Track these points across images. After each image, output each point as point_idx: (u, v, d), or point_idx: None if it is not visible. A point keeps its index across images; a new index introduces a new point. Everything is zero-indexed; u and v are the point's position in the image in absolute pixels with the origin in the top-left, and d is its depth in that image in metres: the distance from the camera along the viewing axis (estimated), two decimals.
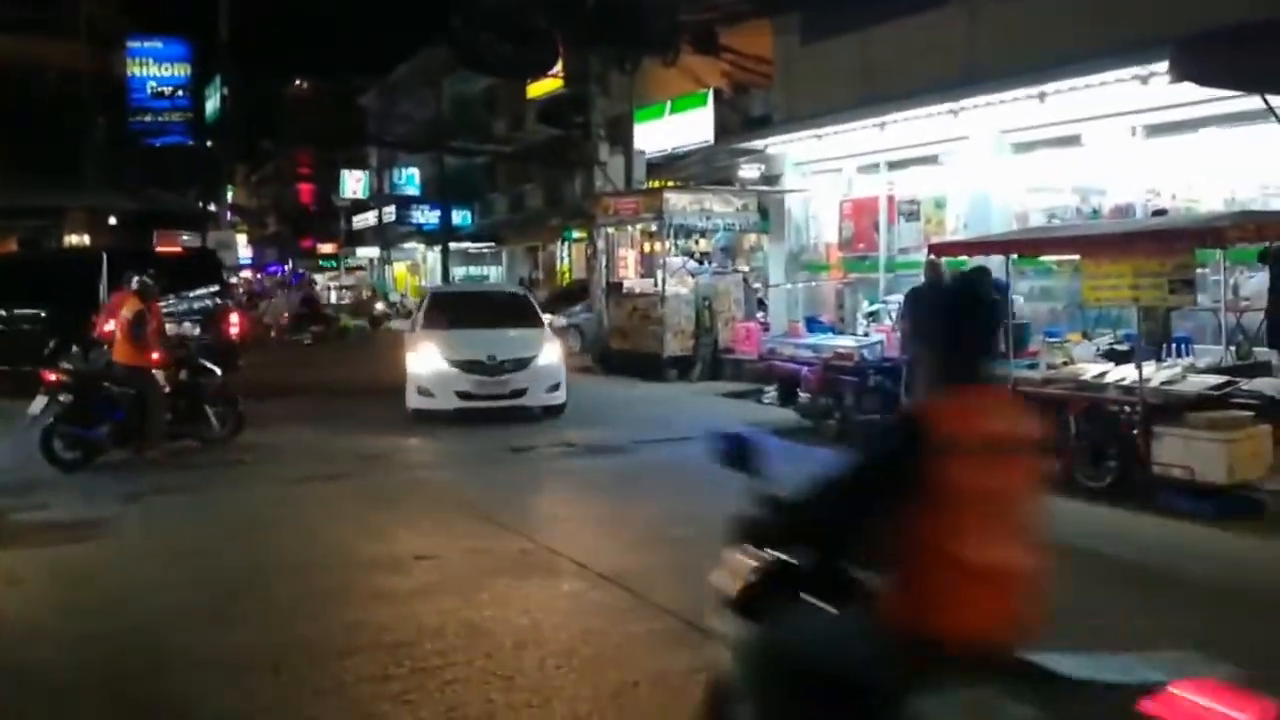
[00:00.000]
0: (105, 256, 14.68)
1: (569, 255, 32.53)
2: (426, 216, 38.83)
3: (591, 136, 17.77)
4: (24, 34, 23.09)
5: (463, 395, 11.32)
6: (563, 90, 19.02)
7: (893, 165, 14.37)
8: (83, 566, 6.58)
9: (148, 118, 25.47)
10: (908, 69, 12.73)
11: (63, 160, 23.42)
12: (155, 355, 9.68)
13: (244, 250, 40.60)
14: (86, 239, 23.58)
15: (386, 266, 45.08)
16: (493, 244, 37.98)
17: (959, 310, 2.50)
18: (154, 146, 25.76)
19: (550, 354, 11.81)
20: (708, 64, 18.61)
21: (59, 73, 24.09)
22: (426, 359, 11.63)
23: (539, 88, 20.98)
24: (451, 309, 12.96)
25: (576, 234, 32.96)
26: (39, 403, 9.27)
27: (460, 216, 38.12)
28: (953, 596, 2.20)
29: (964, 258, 10.91)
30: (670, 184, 17.14)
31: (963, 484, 2.19)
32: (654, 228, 17.65)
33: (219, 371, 10.39)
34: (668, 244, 16.44)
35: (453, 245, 37.40)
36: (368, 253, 46.99)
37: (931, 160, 13.72)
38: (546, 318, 13.63)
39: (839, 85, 13.99)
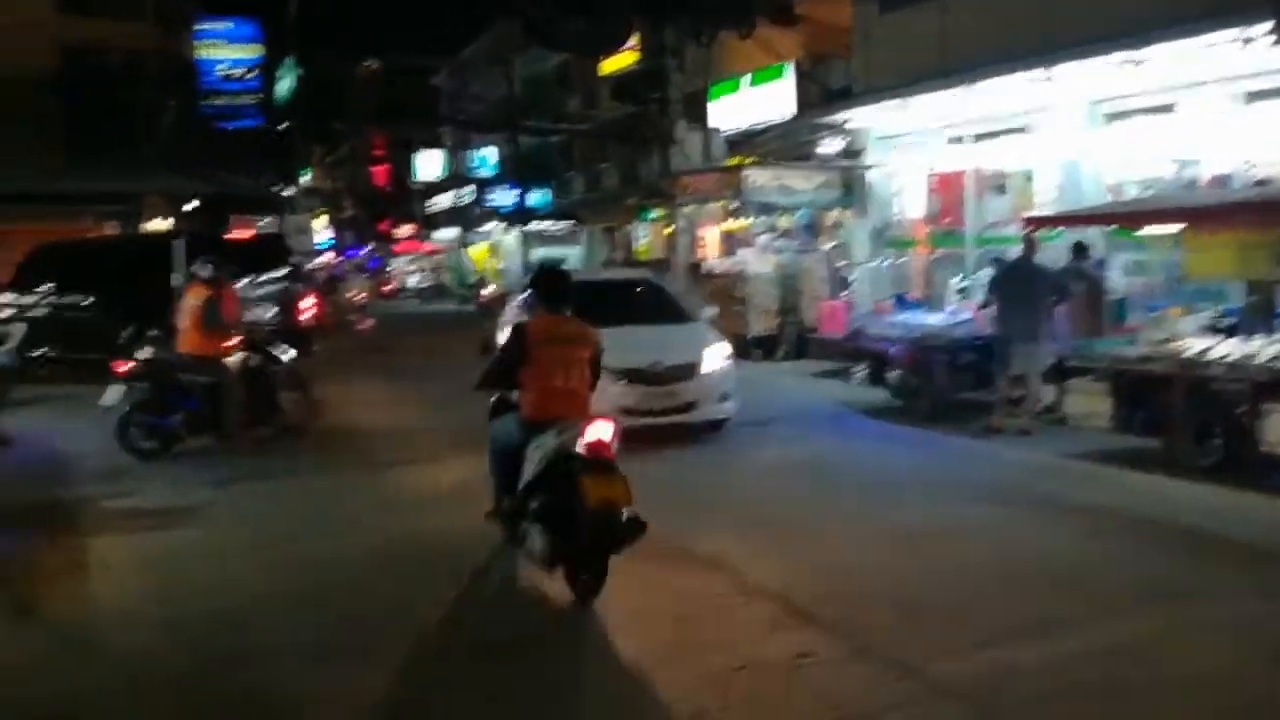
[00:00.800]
0: (178, 242, 14.74)
1: (646, 235, 32.39)
2: (503, 197, 38.94)
3: (668, 113, 17.59)
4: (92, 16, 23.37)
5: (625, 412, 8.73)
6: (637, 65, 18.81)
7: (979, 137, 13.95)
8: (170, 553, 6.65)
9: (219, 100, 25.51)
10: (990, 35, 12.30)
11: (138, 145, 23.72)
12: (227, 343, 9.58)
13: (325, 234, 41.22)
14: (167, 224, 23.79)
15: (464, 249, 45.39)
16: (570, 224, 37.95)
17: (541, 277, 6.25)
18: (226, 130, 25.85)
19: (717, 356, 9.87)
20: (786, 35, 18.27)
21: (127, 55, 24.24)
22: None
23: (612, 63, 20.78)
24: (580, 301, 10.83)
25: (654, 213, 32.84)
26: (113, 392, 9.24)
27: (538, 197, 38.15)
28: (540, 400, 5.62)
29: (1059, 230, 10.58)
30: (748, 160, 16.89)
31: (538, 354, 5.61)
32: (733, 205, 17.48)
33: (291, 356, 10.24)
34: (748, 221, 16.26)
35: (530, 226, 37.45)
36: (445, 235, 47.36)
37: (1019, 131, 13.28)
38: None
39: (919, 54, 13.58)
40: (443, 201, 45.81)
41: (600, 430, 5.35)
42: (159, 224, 23.21)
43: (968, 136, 13.97)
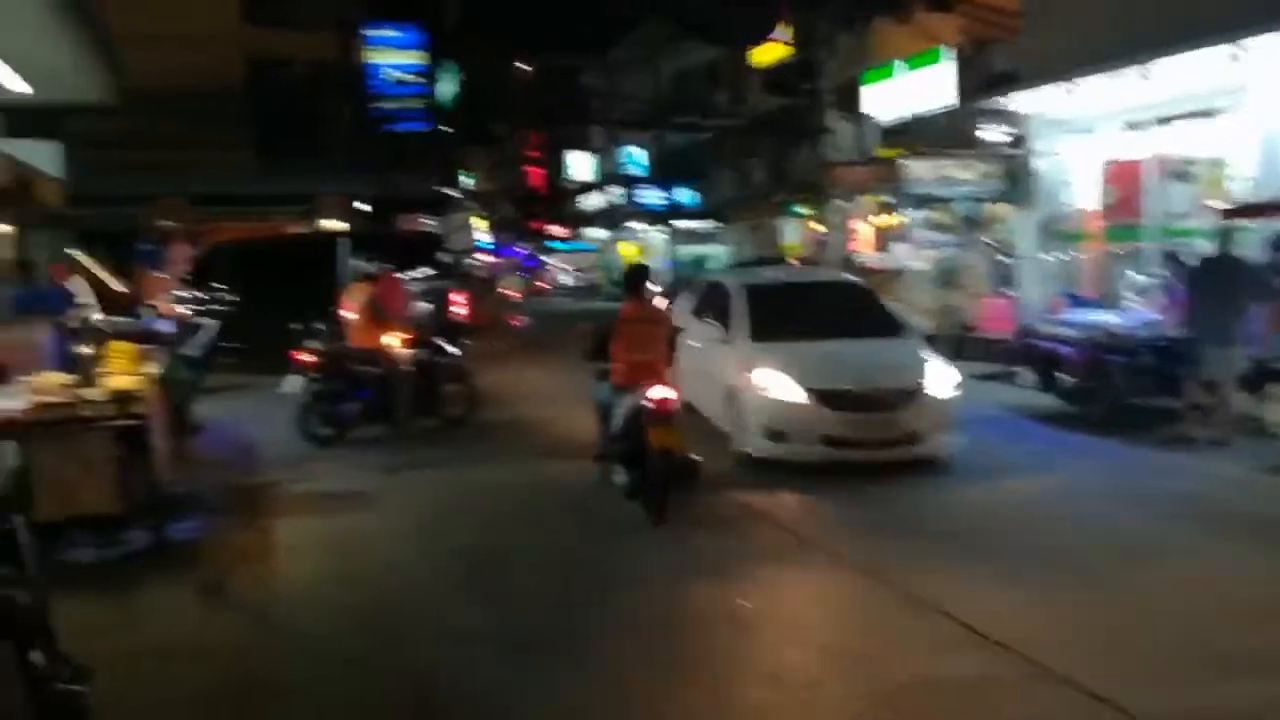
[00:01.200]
0: (343, 239, 15.37)
1: (792, 231, 31.87)
2: (651, 196, 39.11)
3: (820, 103, 17.15)
4: (275, 28, 24.82)
5: (832, 441, 7.94)
6: (789, 56, 18.39)
7: (1161, 121, 12.94)
8: (348, 537, 6.98)
9: (387, 104, 26.72)
10: (1176, 9, 11.36)
11: (313, 148, 25.11)
12: (394, 336, 10.02)
13: (483, 234, 42.40)
14: (339, 224, 25.06)
15: (614, 247, 45.84)
16: (717, 222, 37.79)
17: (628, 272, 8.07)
18: (395, 132, 27.04)
19: (943, 378, 8.32)
20: (943, 19, 17.51)
21: (307, 64, 25.71)
22: (775, 386, 8.17)
23: (763, 55, 20.40)
24: (775, 309, 9.35)
25: (800, 209, 32.28)
26: (292, 381, 9.84)
27: (686, 195, 38.15)
28: (625, 369, 7.22)
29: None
30: (904, 151, 16.27)
31: (623, 332, 7.30)
32: (889, 198, 16.90)
33: (455, 351, 10.65)
34: (903, 215, 15.69)
35: (678, 224, 37.44)
36: (596, 234, 47.99)
37: (1206, 115, 12.24)
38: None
39: (1096, 32, 12.69)
40: (593, 201, 46.43)
41: (662, 391, 6.98)
42: (333, 223, 24.42)
43: (1148, 121, 12.99)
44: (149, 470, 6.25)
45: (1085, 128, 13.90)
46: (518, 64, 44.32)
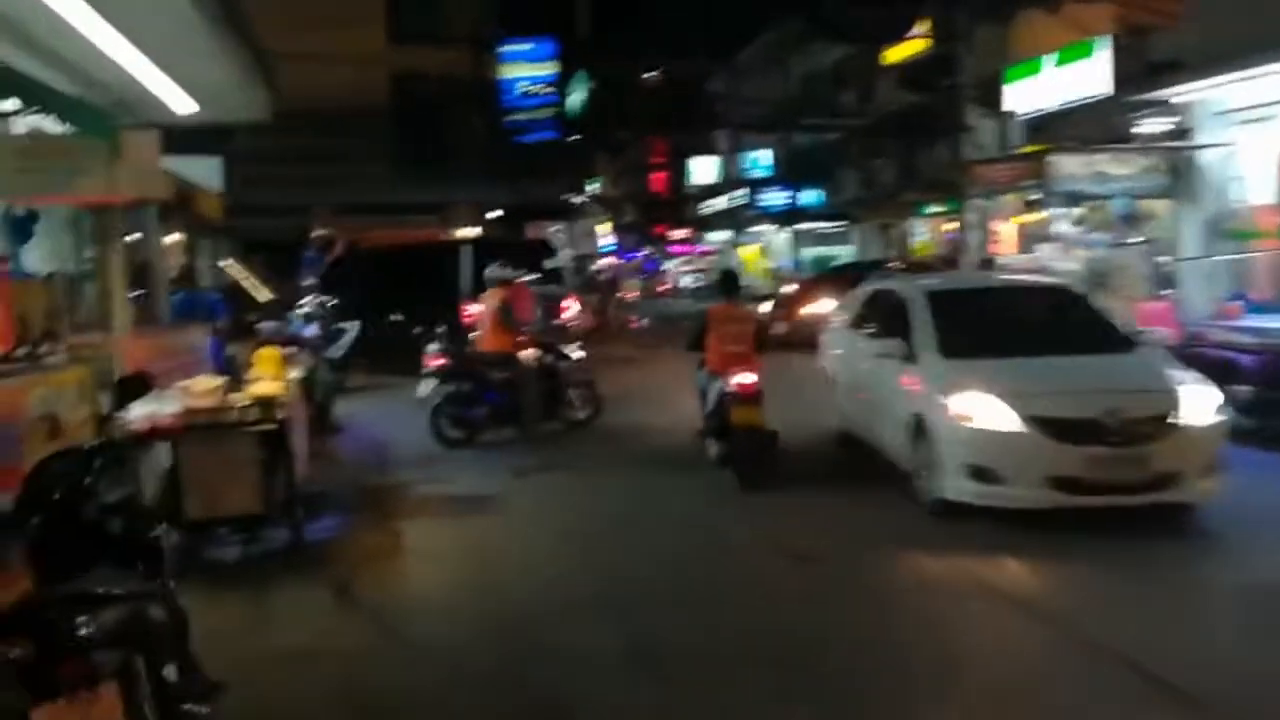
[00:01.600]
0: (465, 246, 15.69)
1: (924, 232, 30.90)
2: (775, 198, 38.64)
3: (959, 99, 16.45)
4: (413, 46, 25.66)
5: (1062, 484, 6.37)
6: (926, 52, 17.70)
7: None
8: (478, 541, 6.93)
9: (519, 116, 27.29)
10: None
11: (447, 159, 25.83)
12: (519, 340, 10.10)
13: (608, 239, 42.73)
14: (472, 231, 25.79)
15: (735, 249, 45.49)
16: (843, 223, 37.03)
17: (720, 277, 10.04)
18: (526, 142, 27.58)
19: (1200, 401, 6.68)
20: (1095, 9, 16.54)
21: (443, 79, 26.53)
22: (984, 413, 6.63)
23: (897, 52, 19.72)
24: (968, 319, 7.79)
25: (931, 208, 31.26)
26: (426, 385, 10.03)
27: (811, 196, 37.53)
28: (717, 358, 8.33)
29: None
30: (1051, 146, 15.40)
31: (715, 329, 8.43)
32: (1032, 196, 16.05)
33: (578, 355, 10.67)
34: (1047, 214, 14.86)
35: (802, 225, 36.84)
36: (718, 237, 47.75)
37: None
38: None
39: (1274, 14, 11.72)
40: (716, 204, 46.19)
41: (744, 377, 8.04)
42: (467, 230, 25.13)
43: None
44: (289, 472, 6.31)
45: (1259, 117, 12.84)
46: (644, 73, 44.49)
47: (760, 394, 7.95)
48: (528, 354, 10.00)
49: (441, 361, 10.00)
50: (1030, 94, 17.10)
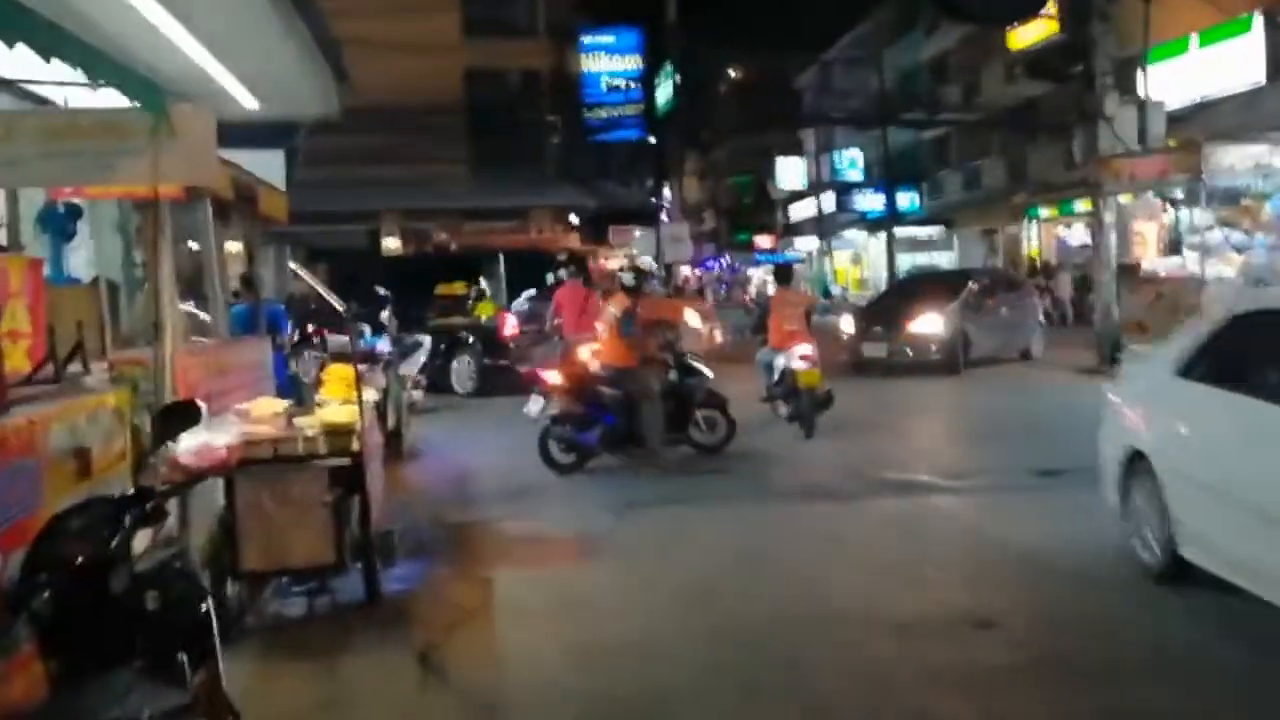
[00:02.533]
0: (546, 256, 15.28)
1: (1036, 236, 29.10)
2: (869, 201, 37.06)
3: (1096, 86, 14.87)
4: (489, 40, 24.65)
5: None
6: (1056, 36, 16.08)
7: None
8: (579, 595, 5.78)
9: (603, 113, 26.16)
10: None
11: (526, 159, 24.83)
12: (641, 354, 8.96)
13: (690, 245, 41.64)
14: (553, 238, 24.86)
15: (826, 257, 43.87)
16: (943, 227, 35.29)
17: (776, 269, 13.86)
18: (607, 141, 26.47)
19: None
20: None
21: (520, 74, 25.51)
22: None
23: (1020, 38, 18.09)
24: None
25: (1044, 211, 29.44)
26: (535, 403, 9.03)
27: (907, 200, 35.87)
28: (777, 336, 10.59)
29: None
30: (1205, 137, 13.80)
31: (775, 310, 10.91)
32: (1177, 193, 14.48)
33: (708, 372, 9.40)
34: (1202, 212, 13.31)
35: (898, 231, 35.35)
36: (806, 244, 46.19)
37: None
38: None
39: None
40: (803, 209, 44.71)
41: (803, 349, 10.05)
42: (549, 236, 24.25)
43: None
44: (365, 513, 5.28)
45: None
46: (730, 69, 43.31)
47: (817, 360, 10.24)
48: (650, 369, 8.85)
49: (550, 378, 8.96)
50: (1172, 80, 15.49)
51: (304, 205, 21.61)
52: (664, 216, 26.78)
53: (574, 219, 23.70)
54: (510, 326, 14.47)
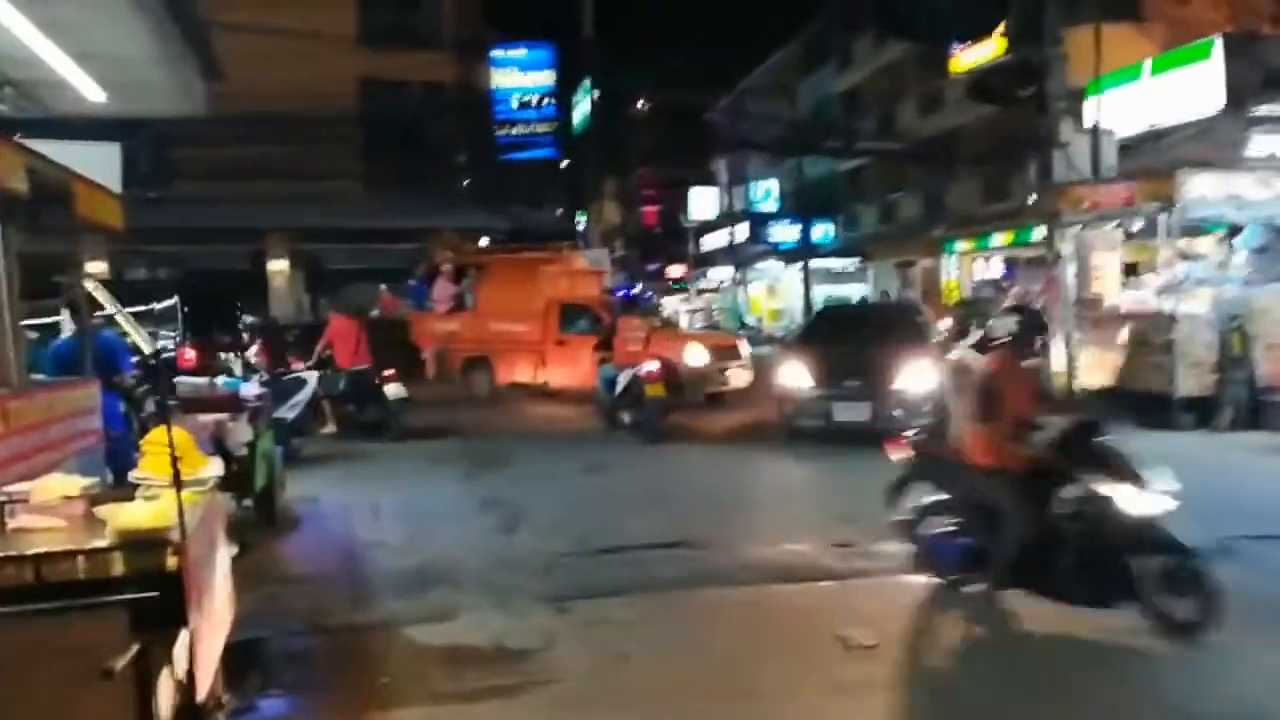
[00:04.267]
0: None
1: (955, 269, 28.55)
2: (784, 233, 36.24)
3: (1050, 110, 13.95)
4: (389, 48, 22.78)
5: None
6: (1004, 58, 15.17)
7: None
8: None
9: (513, 130, 24.56)
10: None
11: (429, 178, 23.04)
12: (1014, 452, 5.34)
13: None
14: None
15: (740, 288, 42.85)
16: (858, 260, 34.65)
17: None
18: (517, 161, 24.89)
19: None
20: (1191, 10, 14.30)
21: (423, 86, 23.72)
22: None
23: (963, 63, 17.20)
24: None
25: (961, 245, 28.98)
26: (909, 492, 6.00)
27: (822, 232, 35.15)
28: (621, 355, 12.66)
29: None
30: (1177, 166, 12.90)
31: (620, 331, 13.00)
32: (1137, 225, 13.56)
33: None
34: (1170, 244, 12.36)
35: (814, 263, 34.56)
36: (719, 274, 45.18)
37: None
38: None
39: None
40: (716, 240, 43.75)
41: (649, 365, 11.87)
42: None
43: None
44: (188, 682, 3.38)
45: None
46: (641, 100, 42.26)
47: (660, 374, 11.85)
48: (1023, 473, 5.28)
49: (905, 446, 5.96)
50: (1128, 107, 14.65)
51: (183, 221, 19.53)
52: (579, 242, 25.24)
53: (483, 243, 21.89)
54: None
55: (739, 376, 15.53)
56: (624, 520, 7.94)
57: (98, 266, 21.89)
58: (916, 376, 10.91)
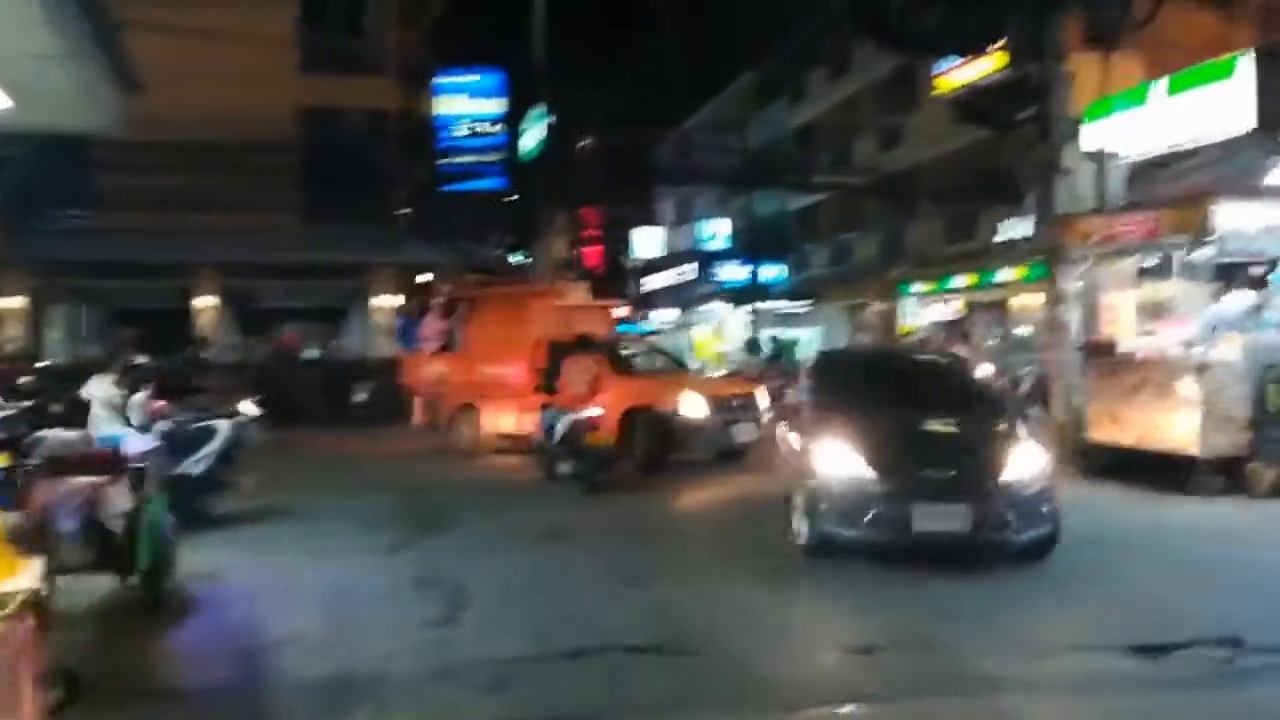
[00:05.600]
0: None
1: (913, 312, 27.62)
2: (733, 273, 35.14)
3: (1053, 134, 12.90)
4: (329, 74, 21.24)
5: None
6: (998, 75, 14.10)
7: None
8: None
9: (461, 159, 23.02)
10: None
11: (369, 211, 21.51)
12: None
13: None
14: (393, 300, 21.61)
15: (684, 330, 41.58)
16: (809, 302, 33.64)
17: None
18: (464, 193, 23.39)
19: None
20: (1199, 23, 13.51)
21: (363, 114, 22.21)
22: None
23: (952, 80, 16.13)
24: None
25: (918, 286, 28.12)
26: None
27: (774, 272, 34.15)
28: (567, 397, 11.86)
29: None
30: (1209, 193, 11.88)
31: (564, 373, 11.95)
32: (1151, 261, 12.50)
33: None
34: (1195, 283, 11.29)
35: (761, 305, 33.48)
36: (663, 316, 43.89)
37: None
38: None
39: None
40: (661, 280, 42.52)
41: (591, 412, 11.06)
42: (386, 299, 20.92)
43: None
44: None
45: None
46: (587, 138, 41.05)
47: (601, 422, 11.20)
48: None
49: None
50: (1134, 131, 13.63)
51: (109, 255, 17.82)
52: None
53: (427, 278, 20.33)
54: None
55: (751, 432, 13.29)
56: (590, 609, 6.44)
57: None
58: (1028, 461, 7.51)
